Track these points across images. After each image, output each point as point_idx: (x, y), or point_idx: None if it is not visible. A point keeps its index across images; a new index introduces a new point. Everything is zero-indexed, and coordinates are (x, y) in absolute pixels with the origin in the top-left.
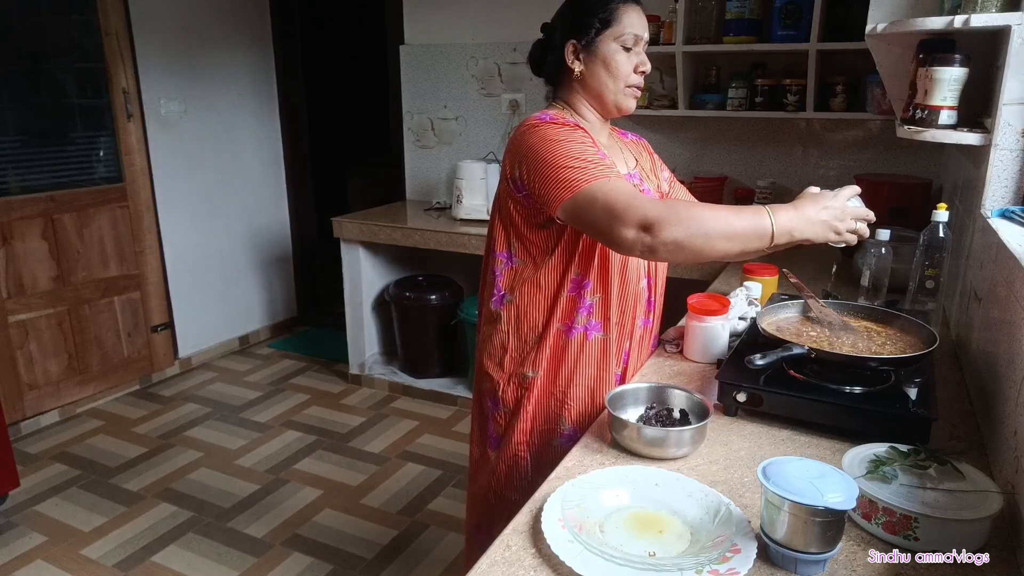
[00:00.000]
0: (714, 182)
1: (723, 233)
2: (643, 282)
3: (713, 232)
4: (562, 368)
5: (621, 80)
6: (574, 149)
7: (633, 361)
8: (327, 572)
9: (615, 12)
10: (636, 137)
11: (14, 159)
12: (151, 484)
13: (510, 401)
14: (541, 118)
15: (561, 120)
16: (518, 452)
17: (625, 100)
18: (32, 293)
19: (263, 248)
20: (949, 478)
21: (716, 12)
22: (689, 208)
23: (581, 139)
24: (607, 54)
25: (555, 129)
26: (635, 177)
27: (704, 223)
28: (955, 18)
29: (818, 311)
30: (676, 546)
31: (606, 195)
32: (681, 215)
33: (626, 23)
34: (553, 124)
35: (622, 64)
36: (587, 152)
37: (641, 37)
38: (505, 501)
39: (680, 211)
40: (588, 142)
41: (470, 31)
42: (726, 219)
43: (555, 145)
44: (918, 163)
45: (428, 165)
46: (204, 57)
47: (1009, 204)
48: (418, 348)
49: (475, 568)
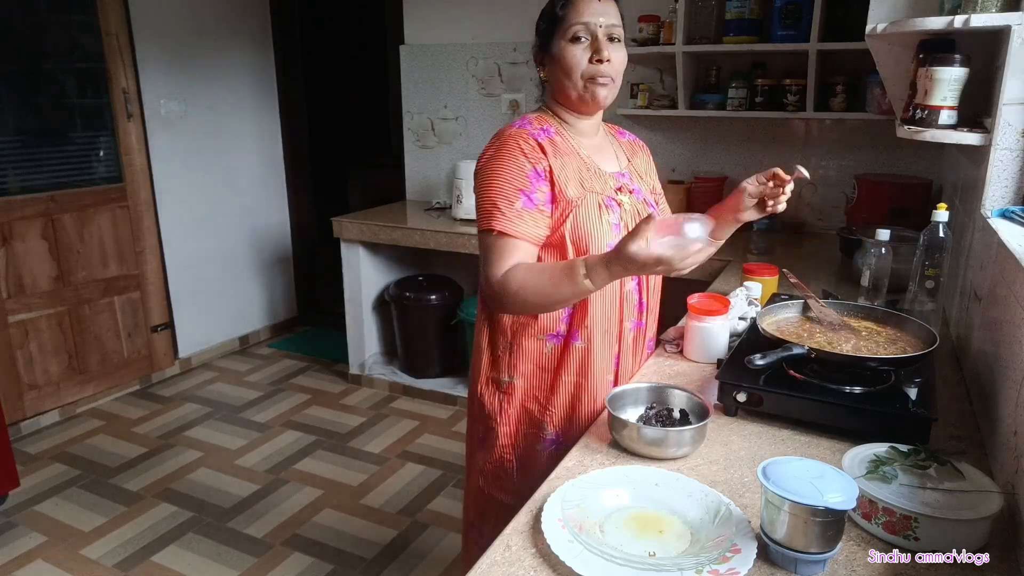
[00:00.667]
0: (714, 182)
1: (544, 300)
2: (630, 284)
3: (536, 303)
4: (543, 375)
5: (576, 74)
6: (497, 186)
7: (626, 364)
8: (327, 572)
9: (564, 8)
10: (635, 138)
11: (14, 159)
12: (151, 484)
13: (488, 404)
14: (513, 125)
15: (523, 135)
16: (503, 455)
17: (589, 92)
18: (32, 293)
19: (263, 248)
20: (949, 478)
21: (716, 12)
22: (517, 283)
23: (515, 169)
24: (559, 53)
25: (504, 152)
26: (625, 176)
27: (525, 299)
28: (955, 18)
29: (818, 311)
30: (676, 546)
31: (485, 246)
32: (508, 291)
33: (573, 16)
34: (507, 143)
35: (572, 58)
36: (507, 189)
37: (594, 25)
38: (493, 501)
39: (508, 288)
40: (523, 172)
41: (470, 31)
42: (545, 291)
43: (491, 177)
44: (918, 163)
45: (428, 165)
46: (204, 57)
47: (1009, 204)
48: (418, 348)
49: (475, 568)
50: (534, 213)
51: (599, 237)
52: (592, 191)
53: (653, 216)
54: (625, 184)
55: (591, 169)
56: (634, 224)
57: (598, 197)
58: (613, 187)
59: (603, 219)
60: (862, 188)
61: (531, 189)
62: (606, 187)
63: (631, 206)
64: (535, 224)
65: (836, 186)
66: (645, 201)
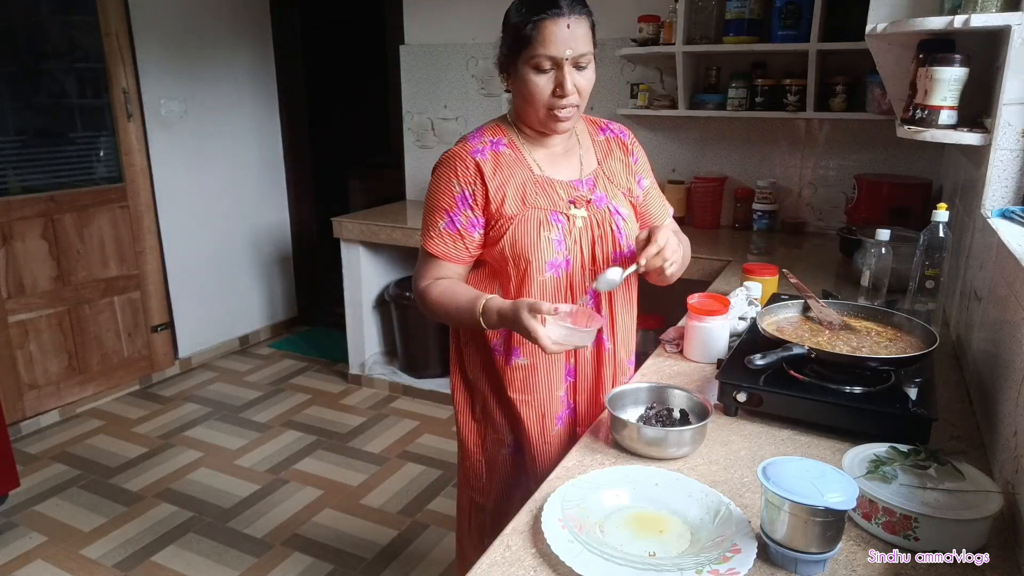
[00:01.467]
0: (714, 182)
1: (451, 321)
2: (584, 298)
3: (444, 318)
4: (494, 383)
5: (539, 105)
6: (428, 206)
7: (583, 375)
8: (327, 572)
9: (530, 31)
10: (617, 133)
11: (14, 159)
12: (151, 484)
13: (458, 403)
14: (461, 141)
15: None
16: (472, 456)
17: (550, 124)
18: (32, 293)
19: (263, 248)
20: (949, 478)
21: (716, 12)
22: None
23: (445, 191)
24: (522, 78)
25: (439, 173)
26: (587, 184)
27: (436, 315)
28: (955, 18)
29: (818, 311)
30: (676, 546)
31: (419, 256)
32: (425, 305)
33: (539, 45)
34: (442, 165)
35: (536, 88)
36: (435, 210)
37: (560, 58)
38: (468, 500)
39: (425, 301)
40: (450, 194)
41: (470, 31)
42: (449, 314)
43: (428, 196)
44: (918, 163)
45: (428, 165)
46: (204, 57)
47: (1009, 204)
48: (418, 348)
49: (475, 568)
50: (454, 235)
51: (537, 252)
52: (535, 207)
53: (559, 310)
54: (581, 196)
55: (540, 182)
56: (589, 238)
57: (540, 213)
58: (566, 199)
59: (542, 235)
60: (862, 188)
61: (455, 211)
62: (554, 201)
63: (586, 220)
64: (454, 246)
65: (836, 186)
66: (608, 209)
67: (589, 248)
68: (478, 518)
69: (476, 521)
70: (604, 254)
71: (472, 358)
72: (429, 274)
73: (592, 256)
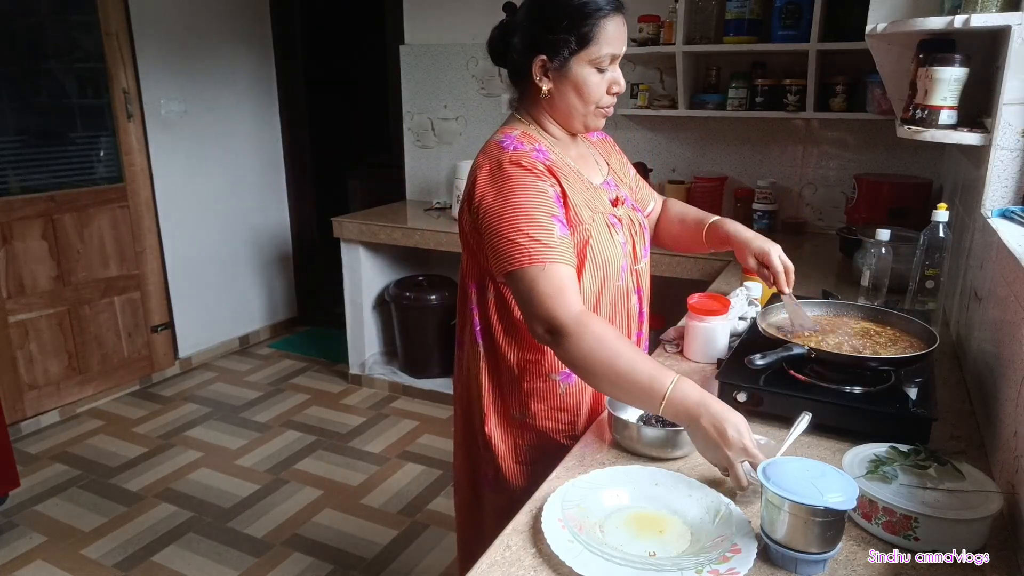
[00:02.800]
0: (714, 182)
1: (610, 380)
2: (634, 299)
3: (600, 373)
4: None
5: (592, 104)
6: (524, 216)
7: None
8: (327, 572)
9: (594, 28)
10: (601, 136)
11: (14, 159)
12: (151, 484)
13: (498, 445)
14: (504, 147)
15: (526, 159)
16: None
17: (594, 121)
18: (32, 293)
19: (263, 248)
20: (949, 478)
21: (716, 12)
22: (599, 338)
23: (538, 195)
24: (580, 77)
25: (516, 179)
26: (611, 185)
27: (597, 362)
28: (955, 18)
29: (795, 316)
30: (676, 546)
31: (533, 284)
32: (584, 343)
33: (604, 43)
34: (516, 169)
35: (595, 87)
36: (539, 217)
37: (619, 55)
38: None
39: (588, 338)
40: (547, 196)
41: (470, 31)
42: (621, 369)
43: (508, 208)
44: (918, 163)
45: (428, 165)
46: (204, 57)
47: (1009, 204)
48: (418, 348)
49: (475, 568)
50: (567, 241)
51: (615, 260)
52: (598, 211)
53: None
54: (617, 196)
55: (588, 186)
56: (629, 238)
57: (604, 217)
58: (609, 201)
59: (615, 240)
60: (862, 188)
61: (560, 214)
62: (605, 204)
63: (627, 217)
64: (572, 254)
65: (836, 186)
66: (632, 206)
67: (632, 247)
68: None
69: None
70: (641, 252)
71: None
72: (572, 290)
73: (635, 255)
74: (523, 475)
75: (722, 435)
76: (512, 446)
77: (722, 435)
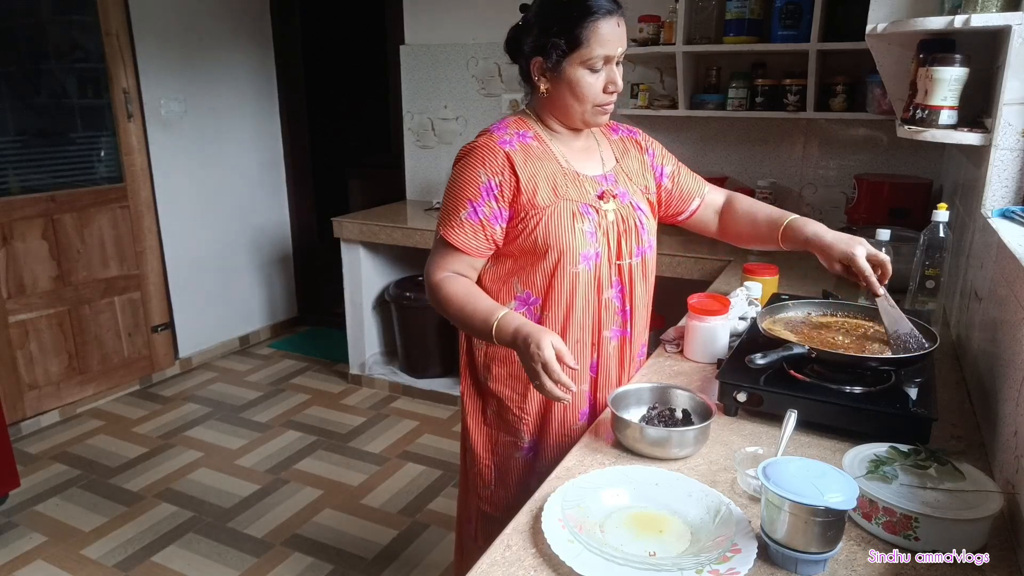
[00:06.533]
0: (714, 182)
1: (459, 321)
2: (610, 292)
3: (453, 316)
4: (515, 382)
5: (588, 102)
6: (455, 195)
7: (606, 372)
8: (327, 572)
9: (584, 32)
10: (630, 133)
11: (14, 159)
12: (151, 484)
13: (468, 407)
14: (489, 131)
15: (489, 151)
16: (481, 462)
17: (594, 118)
18: (32, 293)
19: (263, 248)
20: (949, 478)
21: (716, 12)
22: (450, 294)
23: (472, 179)
24: (573, 78)
25: (467, 164)
26: (609, 179)
27: (450, 309)
28: (955, 18)
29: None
30: (676, 546)
31: (434, 247)
32: (440, 294)
33: (595, 45)
34: (474, 156)
35: (589, 87)
36: (459, 200)
37: (613, 56)
38: (475, 510)
39: (442, 292)
40: (477, 182)
41: (470, 31)
42: (466, 314)
43: (452, 183)
44: (918, 163)
45: (428, 165)
46: (204, 57)
47: (1009, 204)
48: (418, 348)
49: (475, 568)
50: (475, 226)
51: (571, 244)
52: (566, 198)
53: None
54: (608, 189)
55: (568, 175)
56: (616, 232)
57: (572, 205)
58: (593, 193)
59: (575, 227)
60: (862, 188)
61: (479, 202)
62: (583, 194)
63: (615, 213)
64: (474, 236)
65: (836, 186)
66: (631, 204)
67: (616, 242)
68: (486, 529)
69: (484, 532)
70: (629, 249)
71: (486, 360)
72: (445, 265)
73: (619, 251)
74: (486, 438)
75: (528, 349)
76: (480, 406)
77: (528, 349)
